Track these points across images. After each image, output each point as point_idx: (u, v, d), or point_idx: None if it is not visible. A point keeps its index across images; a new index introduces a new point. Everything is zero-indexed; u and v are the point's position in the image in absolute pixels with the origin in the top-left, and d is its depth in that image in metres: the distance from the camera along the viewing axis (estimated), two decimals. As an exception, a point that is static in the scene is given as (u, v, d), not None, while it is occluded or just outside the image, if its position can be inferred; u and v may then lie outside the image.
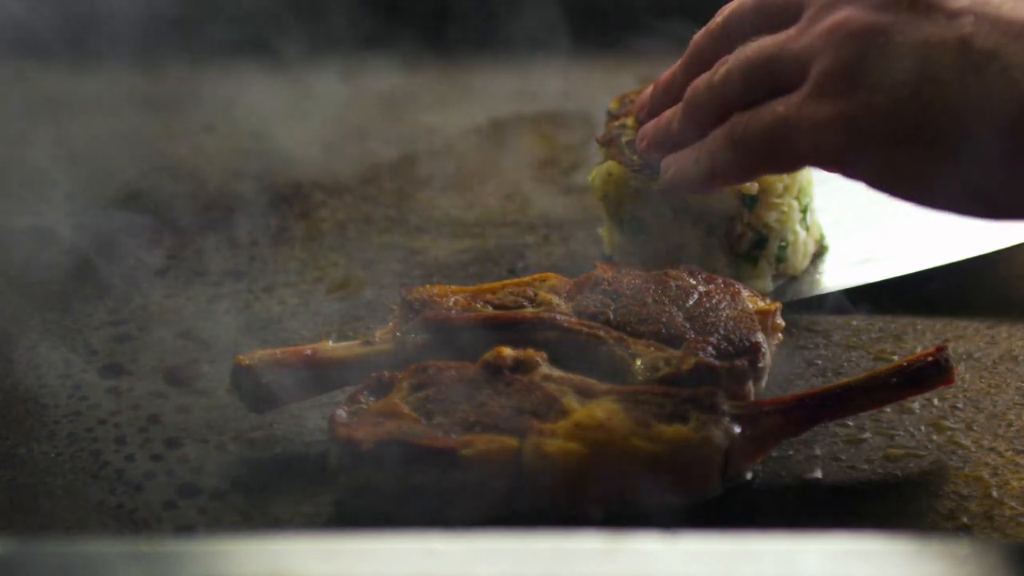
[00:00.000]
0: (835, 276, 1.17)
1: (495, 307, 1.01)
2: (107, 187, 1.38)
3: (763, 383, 0.98)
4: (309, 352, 0.99)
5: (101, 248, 1.27)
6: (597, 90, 1.54)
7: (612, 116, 1.19)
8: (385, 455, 0.89)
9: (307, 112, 1.55)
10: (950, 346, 0.97)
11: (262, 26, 1.50)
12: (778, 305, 1.02)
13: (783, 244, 1.14)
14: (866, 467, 0.96)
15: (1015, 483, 0.94)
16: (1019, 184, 0.85)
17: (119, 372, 1.08)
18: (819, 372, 1.07)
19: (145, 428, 1.01)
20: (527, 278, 1.04)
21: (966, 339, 1.10)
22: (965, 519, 0.91)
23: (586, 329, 0.99)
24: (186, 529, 0.92)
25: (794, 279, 1.16)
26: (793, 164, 1.01)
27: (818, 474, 0.95)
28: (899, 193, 0.90)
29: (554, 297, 1.02)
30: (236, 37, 1.53)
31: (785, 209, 1.13)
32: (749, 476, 0.94)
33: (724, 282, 1.03)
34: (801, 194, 1.15)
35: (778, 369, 1.04)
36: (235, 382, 0.99)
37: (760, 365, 0.97)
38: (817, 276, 1.17)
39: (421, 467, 0.88)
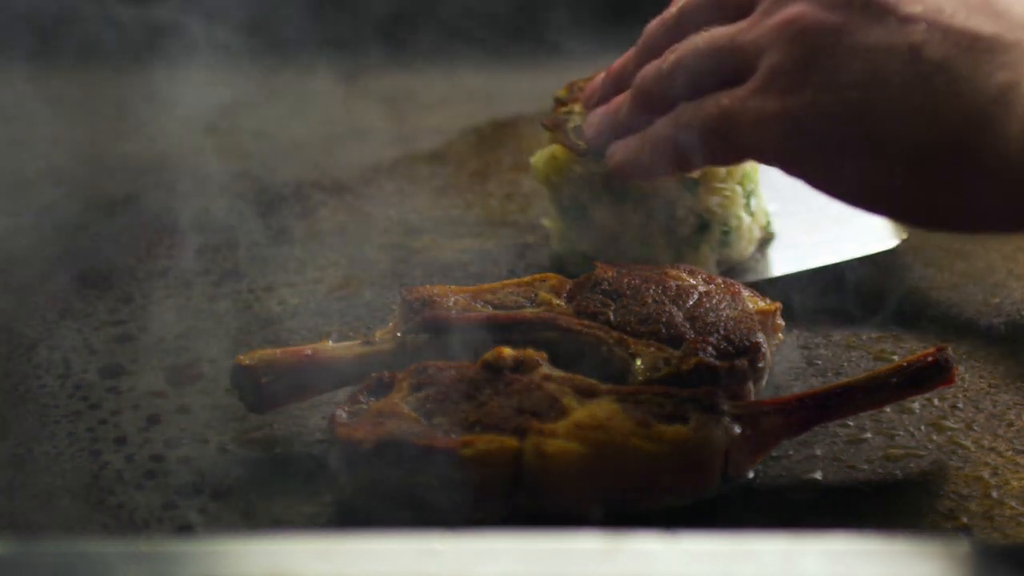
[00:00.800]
0: (781, 262, 1.17)
1: (495, 307, 1.01)
2: (107, 187, 1.38)
3: (763, 383, 0.98)
4: (309, 352, 0.99)
5: (101, 248, 1.27)
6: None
7: (560, 102, 1.18)
8: (385, 455, 0.89)
9: (307, 112, 1.55)
10: (950, 346, 0.97)
11: (262, 26, 1.50)
12: (778, 305, 1.03)
13: (726, 229, 1.14)
14: (866, 467, 0.96)
15: (1015, 483, 0.94)
16: (958, 198, 0.85)
17: (119, 372, 1.08)
18: (819, 372, 1.07)
19: (145, 428, 1.01)
20: (527, 278, 1.04)
21: (966, 339, 1.10)
22: (965, 519, 0.91)
23: (586, 329, 0.99)
24: (186, 529, 0.92)
25: (738, 265, 1.16)
26: (735, 157, 1.01)
27: (818, 474, 0.95)
28: (837, 195, 0.89)
29: (554, 297, 1.02)
30: (236, 37, 1.53)
31: (728, 194, 1.13)
32: (749, 476, 0.94)
33: (724, 282, 1.03)
34: (745, 179, 1.14)
35: (778, 369, 1.05)
36: (235, 382, 0.99)
37: (760, 365, 0.97)
38: (762, 262, 1.17)
39: (421, 467, 0.88)
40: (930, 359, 0.95)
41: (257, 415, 1.00)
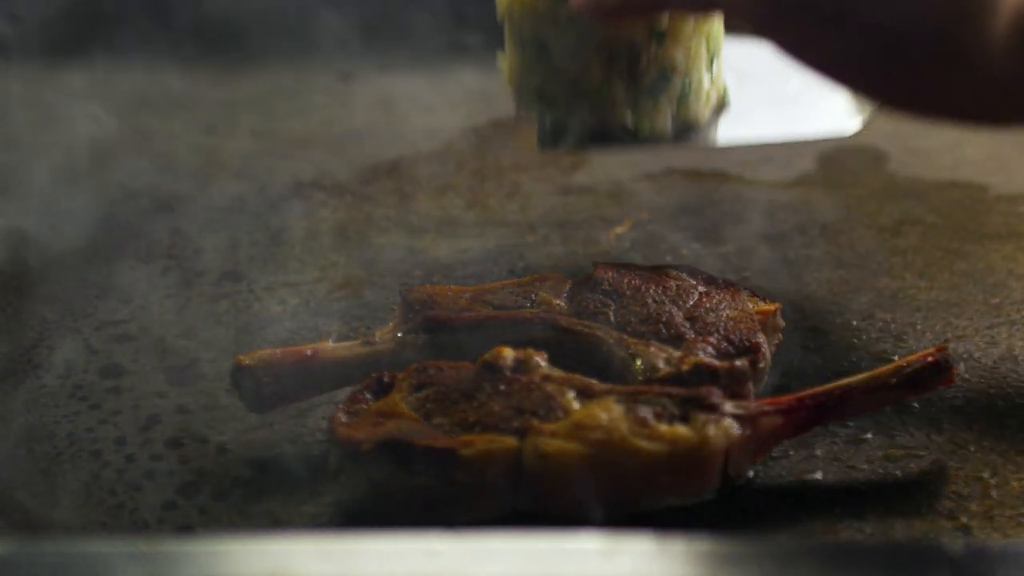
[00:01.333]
0: (731, 132, 1.15)
1: (495, 307, 1.01)
2: (107, 187, 1.38)
3: (763, 383, 0.98)
4: (309, 352, 0.99)
5: (101, 248, 1.27)
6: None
7: None
8: (385, 455, 0.89)
9: (307, 112, 1.55)
10: (950, 346, 0.97)
11: (263, 26, 1.50)
12: (778, 305, 1.03)
13: (686, 86, 1.13)
14: (866, 467, 0.96)
15: (1015, 483, 0.94)
16: (933, 88, 0.84)
17: (119, 372, 1.08)
18: (819, 372, 1.06)
19: (145, 428, 1.01)
20: (527, 278, 1.05)
21: (966, 339, 1.10)
22: (965, 519, 0.91)
23: (586, 329, 0.99)
24: (186, 529, 0.92)
25: (692, 127, 1.14)
26: (706, 9, 0.99)
27: (818, 474, 0.95)
28: (808, 64, 0.88)
29: (554, 297, 1.02)
30: (236, 37, 1.53)
31: (692, 50, 1.12)
32: (749, 476, 0.94)
33: (724, 282, 1.03)
34: (711, 39, 1.12)
35: (778, 369, 1.04)
36: (235, 382, 0.99)
37: (760, 365, 0.97)
38: (715, 128, 1.15)
39: (421, 467, 0.88)
40: (930, 359, 0.95)
41: (257, 415, 1.00)
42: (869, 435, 0.99)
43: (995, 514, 0.91)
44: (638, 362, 0.96)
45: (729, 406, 0.92)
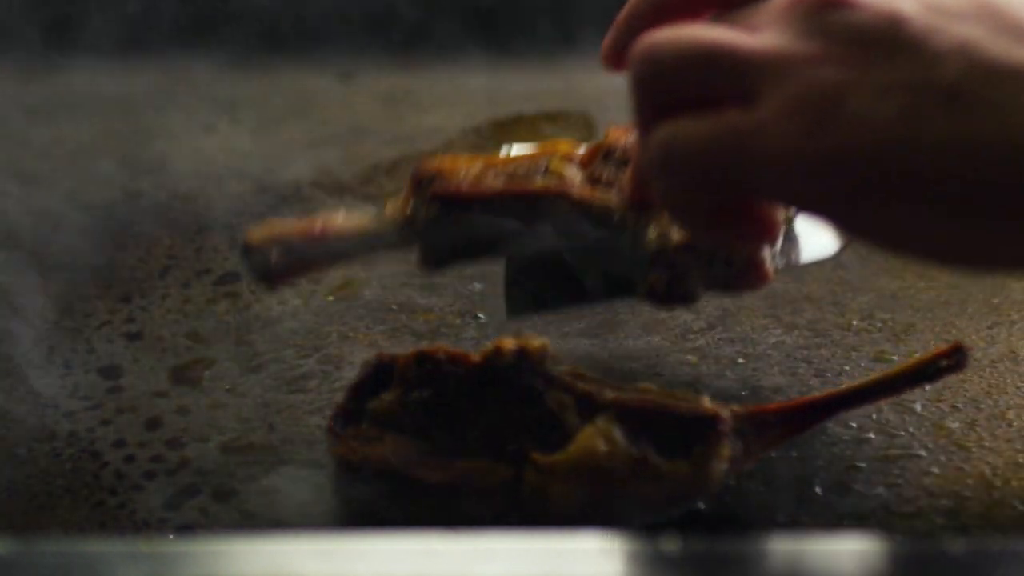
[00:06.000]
0: None
1: (506, 178, 0.98)
2: (107, 187, 1.38)
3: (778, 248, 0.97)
4: (319, 229, 0.98)
5: (101, 248, 1.27)
6: (597, 90, 1.54)
7: None
8: (380, 479, 0.89)
9: (307, 112, 1.55)
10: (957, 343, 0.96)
11: (262, 25, 1.50)
12: None
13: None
14: (866, 467, 0.96)
15: (1015, 483, 0.94)
16: (1013, 240, 0.77)
17: (119, 372, 1.08)
18: (818, 372, 1.06)
19: (145, 428, 1.01)
20: (539, 146, 1.01)
21: (966, 339, 1.10)
22: (965, 519, 0.91)
23: (598, 201, 0.96)
24: (186, 529, 0.92)
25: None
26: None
27: (818, 474, 0.95)
28: (877, 242, 0.80)
29: (567, 167, 0.98)
30: (236, 37, 1.53)
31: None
32: (748, 477, 0.93)
33: None
34: None
35: (777, 369, 1.04)
36: (244, 258, 0.98)
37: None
38: None
39: (417, 493, 0.88)
40: (944, 363, 0.93)
41: (267, 288, 1.00)
42: (869, 435, 0.99)
43: (995, 514, 0.91)
44: (651, 230, 0.94)
45: (732, 421, 0.90)
